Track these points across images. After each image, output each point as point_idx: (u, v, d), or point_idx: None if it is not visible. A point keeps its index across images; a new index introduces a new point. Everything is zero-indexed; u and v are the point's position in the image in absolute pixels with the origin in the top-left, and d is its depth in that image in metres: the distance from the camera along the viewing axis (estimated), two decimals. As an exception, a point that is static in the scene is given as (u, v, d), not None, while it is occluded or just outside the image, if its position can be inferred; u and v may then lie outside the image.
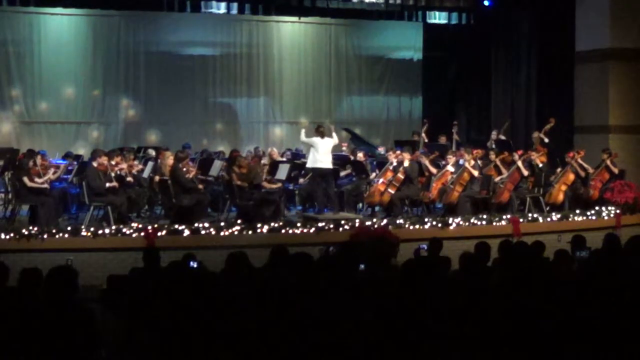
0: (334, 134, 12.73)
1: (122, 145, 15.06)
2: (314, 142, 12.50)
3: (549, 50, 16.77)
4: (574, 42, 15.86)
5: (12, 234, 10.32)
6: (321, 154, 12.40)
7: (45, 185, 11.38)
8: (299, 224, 11.45)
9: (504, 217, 12.42)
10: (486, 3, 17.16)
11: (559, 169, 14.02)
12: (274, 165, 13.02)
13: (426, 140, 15.90)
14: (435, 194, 12.99)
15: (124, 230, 10.68)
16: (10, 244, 10.11)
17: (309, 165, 12.68)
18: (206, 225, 11.04)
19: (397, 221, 11.79)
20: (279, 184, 12.49)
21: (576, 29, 15.82)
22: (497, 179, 13.25)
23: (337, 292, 5.21)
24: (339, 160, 13.70)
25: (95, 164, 11.43)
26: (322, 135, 12.50)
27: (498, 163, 13.56)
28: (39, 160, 11.70)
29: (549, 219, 12.70)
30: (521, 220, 12.39)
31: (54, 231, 10.46)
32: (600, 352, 4.77)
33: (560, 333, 4.86)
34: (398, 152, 13.19)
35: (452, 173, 12.97)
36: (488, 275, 6.25)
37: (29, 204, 11.65)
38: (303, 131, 13.43)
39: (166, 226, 10.97)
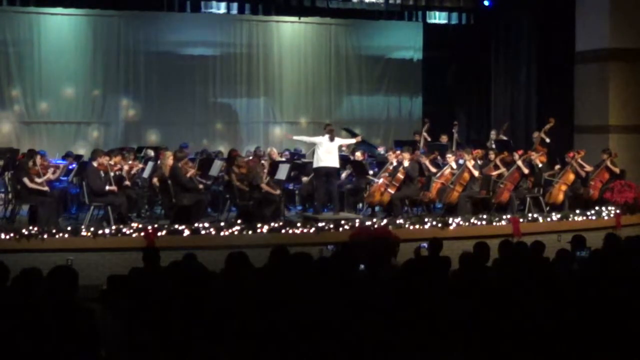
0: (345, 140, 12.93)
1: (122, 145, 15.06)
2: (318, 140, 12.52)
3: (549, 50, 16.77)
4: (574, 42, 15.86)
5: (12, 234, 10.31)
6: (324, 152, 12.39)
7: (45, 188, 11.34)
8: (299, 224, 11.44)
9: (504, 217, 12.41)
10: (486, 3, 17.17)
11: (557, 167, 14.03)
12: (274, 166, 13.02)
13: (429, 140, 15.91)
14: (434, 193, 12.99)
15: (124, 230, 10.67)
16: (10, 244, 10.11)
17: (314, 165, 12.66)
18: (206, 225, 11.03)
19: (397, 221, 11.79)
20: (279, 191, 12.42)
21: (576, 29, 15.82)
22: (494, 174, 13.25)
23: (337, 292, 5.21)
24: (339, 160, 13.68)
25: (95, 164, 11.42)
26: (328, 135, 12.51)
27: (498, 163, 13.57)
28: (38, 160, 11.69)
29: (549, 219, 12.70)
30: (521, 220, 12.38)
31: (54, 231, 10.46)
32: (601, 352, 4.77)
33: (560, 333, 4.86)
34: (398, 152, 13.19)
35: (452, 173, 12.98)
36: (488, 275, 6.25)
37: (29, 204, 11.64)
38: (301, 137, 13.54)
39: (166, 226, 10.97)
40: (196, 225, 10.95)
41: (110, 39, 17.05)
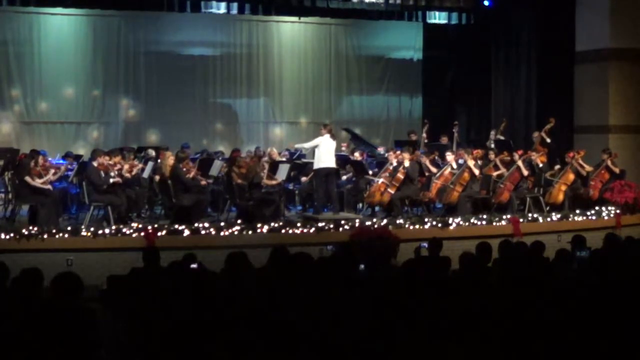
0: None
1: (122, 145, 15.04)
2: (318, 141, 12.51)
3: (549, 50, 16.76)
4: (574, 42, 15.87)
5: (12, 234, 10.31)
6: (324, 152, 12.39)
7: (48, 186, 11.35)
8: (299, 224, 11.45)
9: (504, 217, 12.42)
10: (486, 3, 17.15)
11: (557, 167, 14.04)
12: (274, 166, 13.02)
13: (426, 140, 15.90)
14: (434, 193, 12.99)
15: (124, 230, 10.68)
16: (10, 244, 10.11)
17: (315, 166, 12.66)
18: (206, 225, 11.04)
19: (397, 221, 11.80)
20: (277, 179, 12.48)
21: (576, 29, 15.83)
22: (495, 174, 13.26)
23: (336, 292, 5.21)
24: (339, 160, 13.69)
25: (95, 164, 11.42)
26: (328, 134, 12.51)
27: (498, 163, 13.57)
28: (40, 160, 11.69)
29: (549, 219, 12.71)
30: (521, 220, 12.39)
31: (54, 231, 10.46)
32: (601, 351, 4.77)
33: (560, 333, 4.86)
34: (398, 152, 13.19)
35: (452, 173, 12.97)
36: (488, 275, 6.26)
37: (29, 204, 11.64)
38: (302, 145, 13.65)
39: (166, 226, 10.97)
40: (196, 225, 10.96)
41: (110, 39, 17.03)
